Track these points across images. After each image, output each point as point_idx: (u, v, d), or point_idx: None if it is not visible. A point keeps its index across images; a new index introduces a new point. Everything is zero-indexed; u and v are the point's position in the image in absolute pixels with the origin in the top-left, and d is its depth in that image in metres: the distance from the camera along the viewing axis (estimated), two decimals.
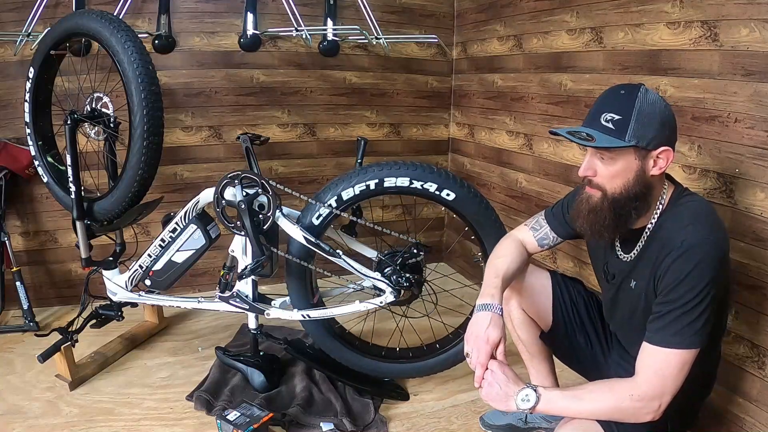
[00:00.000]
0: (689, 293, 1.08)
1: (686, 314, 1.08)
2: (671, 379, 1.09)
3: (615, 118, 1.13)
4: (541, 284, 1.52)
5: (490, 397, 1.20)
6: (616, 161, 1.15)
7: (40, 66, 1.90)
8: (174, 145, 2.54)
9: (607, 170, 1.17)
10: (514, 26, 2.49)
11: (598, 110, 1.16)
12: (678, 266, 1.10)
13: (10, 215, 2.42)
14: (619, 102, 1.14)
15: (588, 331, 1.50)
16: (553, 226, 1.47)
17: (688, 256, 1.09)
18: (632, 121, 1.11)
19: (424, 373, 1.93)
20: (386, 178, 1.66)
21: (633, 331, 1.27)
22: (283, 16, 2.51)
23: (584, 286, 1.57)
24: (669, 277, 1.11)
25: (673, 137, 1.17)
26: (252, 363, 1.91)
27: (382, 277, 1.72)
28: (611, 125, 1.13)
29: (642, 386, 1.10)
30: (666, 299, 1.12)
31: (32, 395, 1.86)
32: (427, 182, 1.67)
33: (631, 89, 1.15)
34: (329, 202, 1.69)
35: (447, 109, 3.09)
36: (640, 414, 1.11)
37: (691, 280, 1.08)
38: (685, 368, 1.10)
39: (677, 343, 1.09)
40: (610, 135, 1.13)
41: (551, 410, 1.18)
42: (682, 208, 1.18)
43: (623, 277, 1.30)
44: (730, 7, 1.50)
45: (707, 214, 1.16)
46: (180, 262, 1.83)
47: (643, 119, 1.12)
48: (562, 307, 1.50)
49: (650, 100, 1.13)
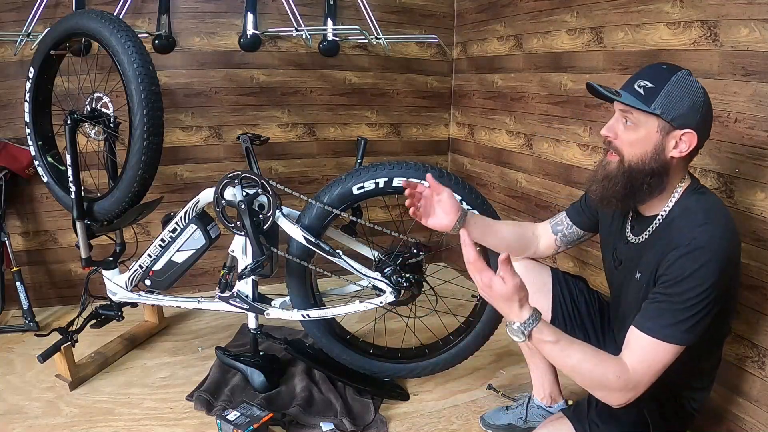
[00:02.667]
0: (690, 291, 1.07)
1: (683, 311, 1.08)
2: (654, 371, 1.09)
3: (647, 86, 1.14)
4: (542, 281, 1.52)
5: (490, 297, 1.08)
6: (638, 128, 1.15)
7: (40, 66, 1.89)
8: (174, 145, 2.54)
9: (627, 136, 1.17)
10: (514, 26, 2.49)
11: (635, 77, 1.17)
12: (683, 263, 1.08)
13: (10, 215, 2.42)
14: (656, 73, 1.15)
15: (587, 329, 1.50)
16: (570, 214, 1.50)
17: (696, 256, 1.07)
18: (662, 92, 1.12)
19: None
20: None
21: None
22: (283, 16, 2.51)
23: (587, 284, 1.57)
24: (673, 272, 1.10)
25: (702, 125, 1.14)
26: (252, 363, 1.91)
27: (382, 277, 1.72)
28: (642, 90, 1.14)
29: (630, 372, 1.09)
30: (667, 291, 1.11)
31: (32, 395, 1.86)
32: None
33: (674, 68, 1.16)
34: (365, 183, 1.67)
35: (447, 109, 3.09)
36: (616, 396, 1.09)
37: (695, 280, 1.07)
38: (669, 363, 1.09)
39: (668, 337, 1.08)
40: (637, 98, 1.14)
41: (539, 346, 1.10)
42: (696, 203, 1.17)
43: (631, 266, 1.28)
44: (730, 7, 1.51)
45: (720, 216, 1.15)
46: (180, 262, 1.83)
47: (673, 93, 1.12)
48: (562, 304, 1.51)
49: (688, 83, 1.13)
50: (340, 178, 1.71)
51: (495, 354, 2.18)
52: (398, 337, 2.03)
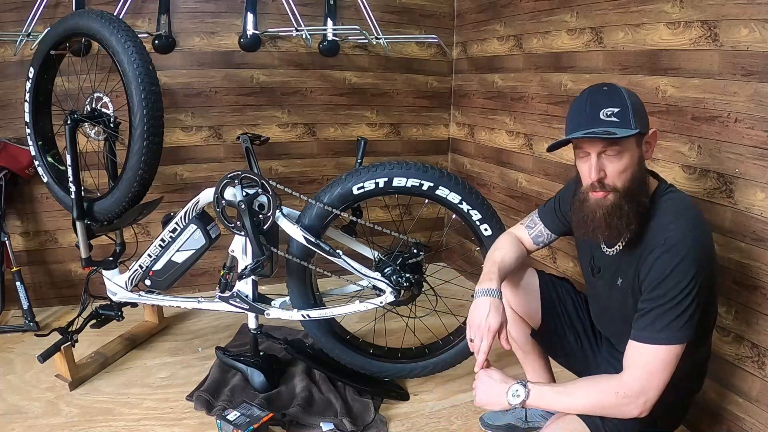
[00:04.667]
0: (674, 289, 1.09)
1: (671, 310, 1.09)
2: (657, 375, 1.10)
3: (615, 111, 1.14)
4: (529, 283, 1.53)
5: (483, 400, 1.27)
6: (623, 154, 1.15)
7: (40, 66, 1.90)
8: (174, 145, 2.54)
9: (615, 167, 1.17)
10: (514, 26, 2.49)
11: (593, 110, 1.16)
12: (662, 263, 1.11)
13: (10, 215, 2.42)
14: (609, 97, 1.16)
15: (577, 329, 1.51)
16: (547, 223, 1.49)
17: (672, 253, 1.10)
18: (629, 109, 1.14)
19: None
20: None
21: (623, 326, 1.27)
22: (283, 16, 2.51)
23: (572, 286, 1.58)
24: (653, 274, 1.12)
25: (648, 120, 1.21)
26: (252, 363, 1.91)
27: (382, 277, 1.72)
28: (614, 118, 1.14)
29: (628, 383, 1.11)
30: (651, 296, 1.12)
31: (32, 395, 1.86)
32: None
33: (609, 85, 1.19)
34: (365, 183, 1.68)
35: (447, 109, 3.09)
36: (627, 410, 1.12)
37: (676, 276, 1.09)
38: (672, 364, 1.10)
39: (663, 339, 1.10)
40: (618, 127, 1.13)
41: (541, 404, 1.20)
42: (665, 205, 1.19)
43: (610, 274, 1.30)
44: (730, 7, 1.50)
45: (689, 211, 1.18)
46: (180, 262, 1.83)
47: (636, 107, 1.15)
48: (551, 306, 1.52)
49: (628, 91, 1.18)
50: (340, 178, 1.71)
51: (495, 354, 2.16)
52: (398, 337, 2.03)
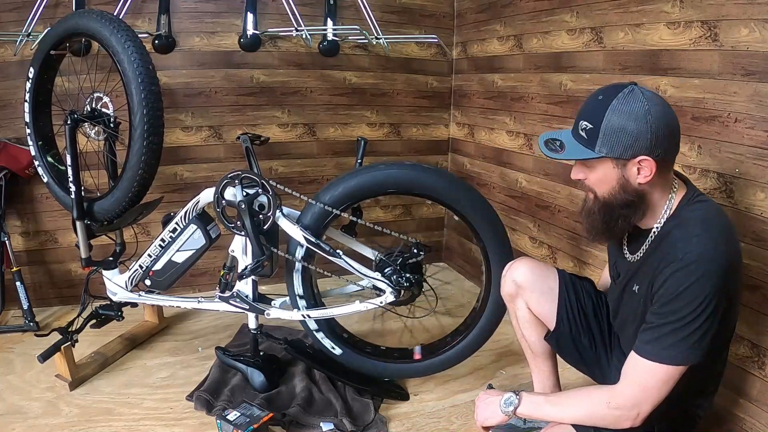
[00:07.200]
0: (685, 308, 1.05)
1: (679, 330, 1.05)
2: (652, 392, 1.08)
3: (588, 127, 1.12)
4: (549, 285, 1.49)
5: (482, 416, 1.30)
6: (596, 168, 1.15)
7: (40, 66, 1.89)
8: (174, 145, 2.54)
9: (591, 176, 1.17)
10: (514, 26, 2.49)
11: (579, 117, 1.16)
12: (677, 279, 1.06)
13: (10, 215, 2.42)
14: (592, 109, 1.13)
15: (593, 333, 1.47)
16: None
17: (690, 271, 1.04)
18: (601, 130, 1.10)
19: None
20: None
21: (633, 335, 1.27)
22: (283, 16, 2.51)
23: (594, 286, 1.54)
24: (667, 289, 1.08)
25: (657, 145, 1.08)
26: (252, 363, 1.91)
27: (383, 277, 1.72)
28: (584, 134, 1.13)
29: (620, 395, 1.10)
30: (661, 311, 1.08)
31: (32, 395, 1.86)
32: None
33: (610, 94, 1.11)
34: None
35: (447, 109, 3.09)
36: (618, 421, 1.11)
37: (689, 296, 1.04)
38: (669, 383, 1.08)
39: (665, 358, 1.06)
40: (582, 144, 1.13)
41: (534, 413, 1.22)
42: (691, 214, 1.13)
43: (627, 279, 1.28)
44: (730, 7, 1.50)
45: (717, 223, 1.11)
46: (180, 262, 1.83)
47: (613, 126, 1.08)
48: (568, 308, 1.47)
49: (629, 107, 1.07)
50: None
51: (495, 354, 2.18)
52: (398, 337, 2.03)
